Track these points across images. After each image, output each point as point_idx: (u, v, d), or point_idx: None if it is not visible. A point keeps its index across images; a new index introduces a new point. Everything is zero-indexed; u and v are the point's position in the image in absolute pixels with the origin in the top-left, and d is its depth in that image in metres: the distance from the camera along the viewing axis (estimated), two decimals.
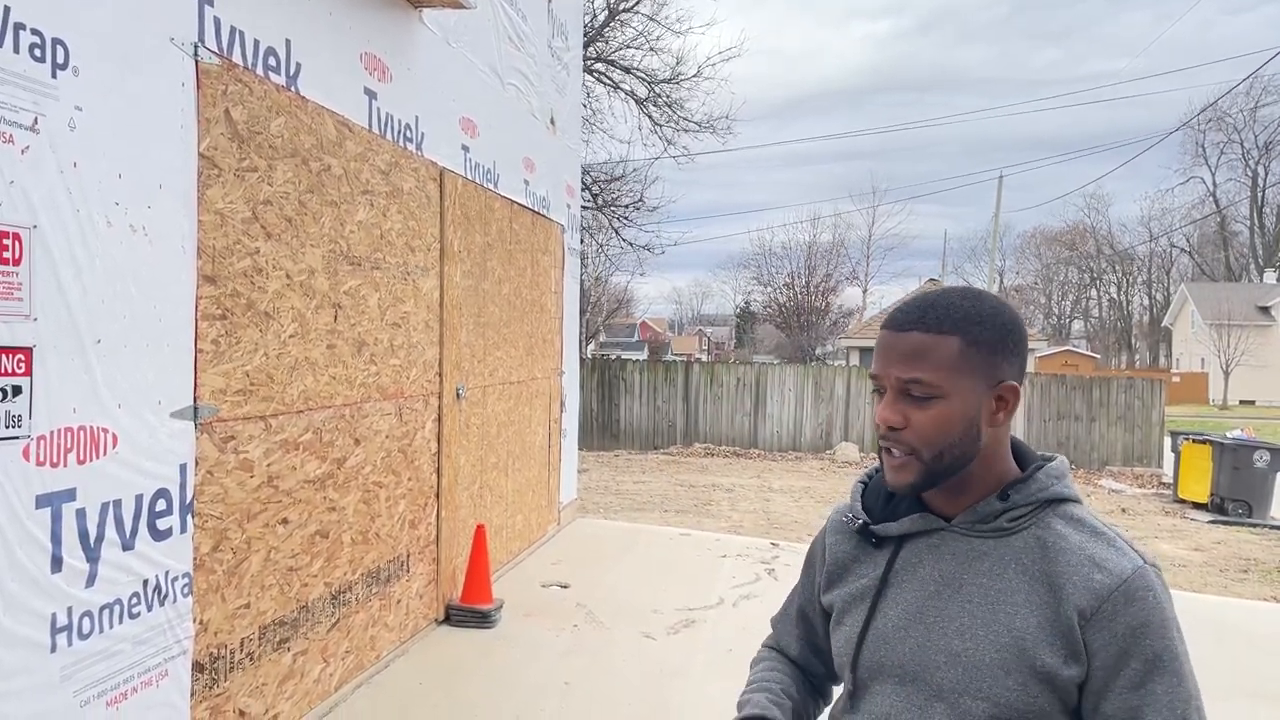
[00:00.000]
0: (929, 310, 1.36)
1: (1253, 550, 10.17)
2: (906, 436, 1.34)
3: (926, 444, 1.34)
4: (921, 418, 1.33)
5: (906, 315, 1.37)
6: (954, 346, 1.33)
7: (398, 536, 5.01)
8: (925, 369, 1.32)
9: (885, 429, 1.36)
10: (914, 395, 1.34)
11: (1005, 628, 1.29)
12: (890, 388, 1.36)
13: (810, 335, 45.14)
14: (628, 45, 19.13)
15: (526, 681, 4.83)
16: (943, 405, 1.33)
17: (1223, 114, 53.05)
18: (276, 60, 3.81)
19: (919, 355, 1.33)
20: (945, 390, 1.32)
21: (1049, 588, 1.29)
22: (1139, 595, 1.26)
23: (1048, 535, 1.33)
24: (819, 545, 1.62)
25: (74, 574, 2.78)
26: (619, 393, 18.78)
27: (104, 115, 2.83)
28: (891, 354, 1.36)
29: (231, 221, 3.48)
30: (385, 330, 4.78)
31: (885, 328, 1.40)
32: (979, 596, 1.33)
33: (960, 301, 1.37)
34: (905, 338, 1.35)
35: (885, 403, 1.37)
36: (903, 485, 1.38)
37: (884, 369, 1.37)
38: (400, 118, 4.97)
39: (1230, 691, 4.94)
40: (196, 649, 3.34)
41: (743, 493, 13.09)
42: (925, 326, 1.34)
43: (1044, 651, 1.26)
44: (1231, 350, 40.77)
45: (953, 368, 1.33)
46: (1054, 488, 1.37)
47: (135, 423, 3.00)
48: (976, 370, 1.34)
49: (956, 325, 1.34)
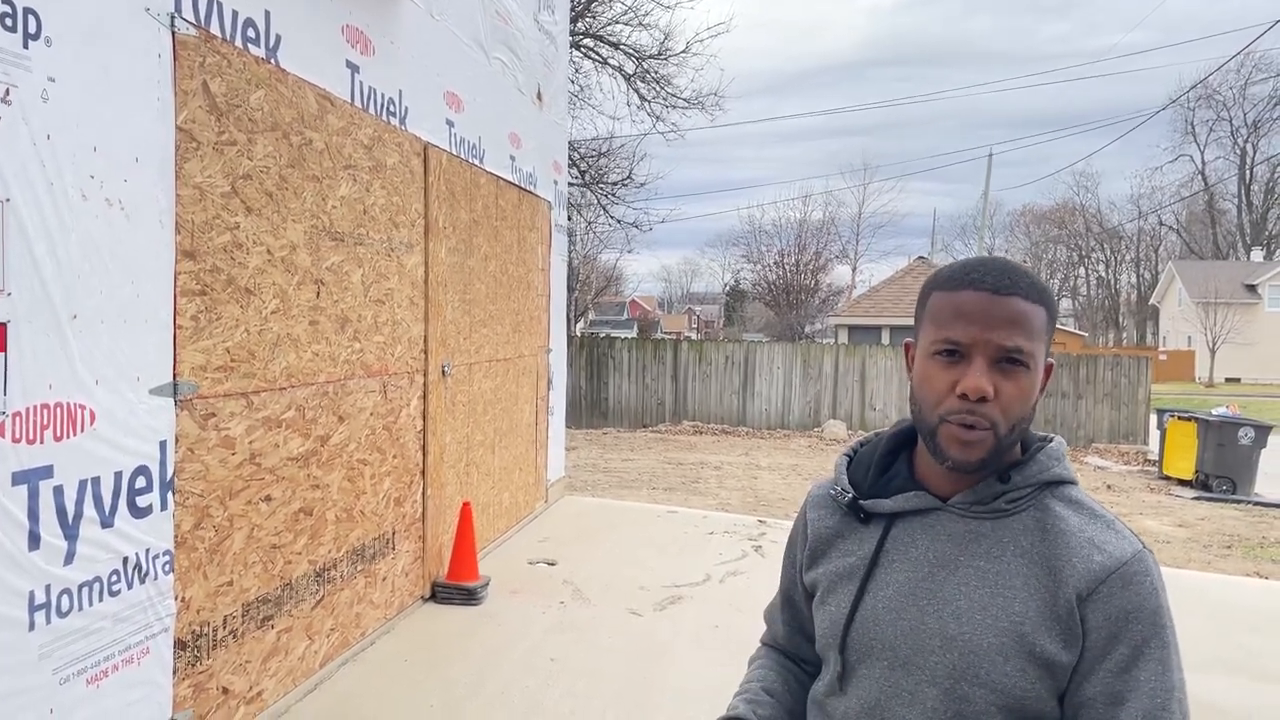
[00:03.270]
0: (1020, 276, 1.29)
1: (1236, 526, 10.25)
2: (991, 409, 1.26)
3: (1008, 417, 1.27)
4: (1010, 389, 1.26)
5: (1001, 279, 1.28)
6: (1043, 317, 1.28)
7: (383, 514, 5.00)
8: (1026, 337, 1.26)
9: (974, 399, 1.25)
10: (1008, 361, 1.26)
11: (1004, 611, 1.25)
12: (983, 354, 1.26)
13: (799, 313, 45.20)
14: (616, 20, 18.98)
15: (512, 658, 4.84)
16: (1027, 377, 1.27)
17: (1212, 91, 53.04)
18: (256, 32, 3.75)
19: (1021, 322, 1.26)
20: (1034, 361, 1.27)
21: (1048, 571, 1.26)
22: (1136, 579, 1.24)
23: (1046, 517, 1.30)
24: (799, 524, 1.55)
25: (52, 551, 2.75)
26: (608, 370, 18.76)
27: (78, 87, 2.78)
28: (992, 318, 1.26)
29: (210, 196, 3.43)
30: (369, 307, 4.74)
31: (977, 289, 1.28)
32: (976, 579, 1.29)
33: (1030, 272, 1.32)
34: (1008, 303, 1.26)
35: (976, 370, 1.25)
36: (973, 461, 1.28)
37: (982, 333, 1.26)
38: (383, 91, 4.91)
39: (1211, 666, 4.98)
40: (178, 626, 3.32)
41: (731, 470, 13.12)
42: (1024, 293, 1.27)
43: (1043, 636, 1.23)
44: (1218, 328, 40.96)
45: (1040, 340, 1.28)
46: (1054, 469, 1.34)
47: (113, 399, 2.97)
48: (1047, 344, 1.31)
49: (1042, 296, 1.29)
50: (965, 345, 1.27)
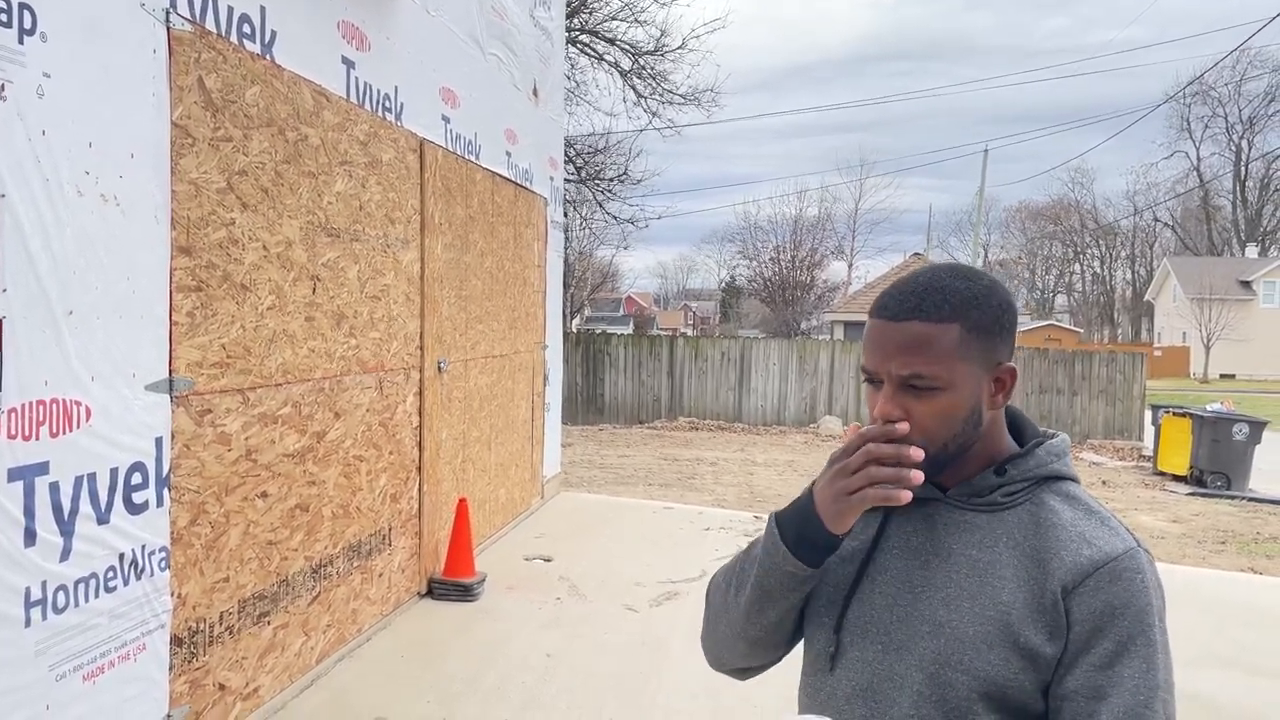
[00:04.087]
0: (925, 295, 1.26)
1: (1230, 522, 10.28)
2: (911, 432, 1.26)
3: (929, 437, 1.26)
4: (924, 410, 1.26)
5: (901, 302, 1.27)
6: (954, 334, 1.25)
7: (379, 510, 5.00)
8: (926, 362, 1.24)
9: (884, 424, 1.26)
10: (915, 388, 1.26)
11: (991, 601, 1.26)
12: (889, 381, 1.27)
13: (795, 310, 45.20)
14: (612, 17, 18.94)
15: (509, 653, 4.84)
16: (945, 397, 1.25)
17: (1208, 88, 53.13)
18: (251, 27, 3.74)
19: (919, 346, 1.25)
20: (947, 381, 1.25)
21: (1037, 563, 1.26)
22: (1125, 575, 1.23)
23: (1041, 511, 1.30)
24: None
25: (48, 548, 2.75)
26: (604, 367, 18.75)
27: (73, 82, 2.77)
28: (888, 346, 1.27)
29: (206, 192, 3.43)
30: (365, 303, 4.74)
31: (878, 316, 1.30)
32: (966, 568, 1.30)
33: (955, 283, 1.28)
34: (902, 328, 1.26)
35: (884, 396, 1.27)
36: None
37: (880, 363, 1.27)
38: (379, 87, 4.91)
39: (1204, 661, 5.01)
40: (175, 623, 3.32)
41: (727, 466, 13.13)
42: (924, 314, 1.25)
43: (1028, 628, 1.23)
44: (1213, 324, 41.05)
45: (954, 357, 1.25)
46: (1052, 465, 1.34)
47: (109, 395, 2.97)
48: (976, 356, 1.27)
49: (955, 311, 1.26)
50: (875, 373, 1.30)
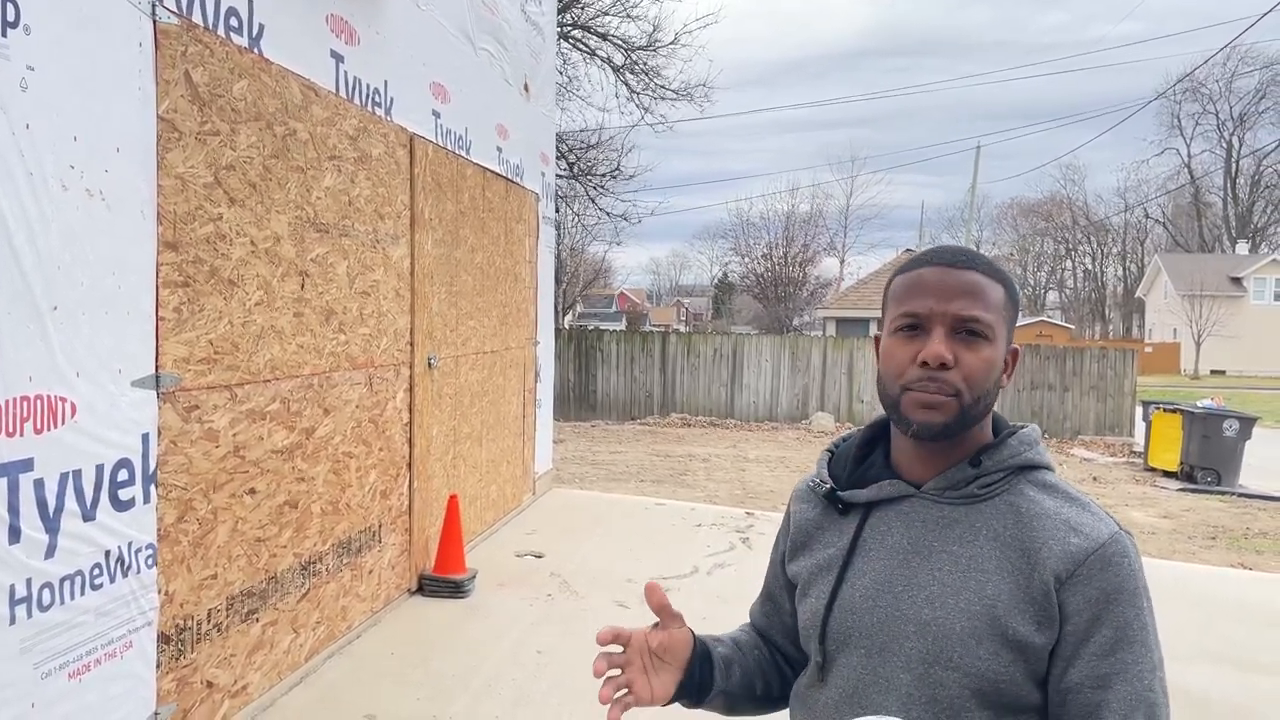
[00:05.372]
0: (978, 256, 1.33)
1: (1221, 518, 10.32)
2: (954, 376, 1.27)
3: (971, 386, 1.28)
4: (972, 358, 1.28)
5: (958, 255, 1.33)
6: (1000, 294, 1.31)
7: (369, 507, 4.98)
8: (984, 308, 1.29)
9: (935, 365, 1.26)
10: (968, 333, 1.28)
11: (976, 595, 1.25)
12: (942, 324, 1.28)
13: (787, 306, 45.22)
14: (604, 12, 18.89)
15: (500, 650, 4.83)
16: (989, 349, 1.29)
17: (1199, 85, 53.27)
18: (238, 21, 3.71)
19: (978, 293, 1.29)
20: (995, 334, 1.29)
21: (1023, 554, 1.25)
22: (1115, 560, 1.23)
23: (1021, 501, 1.30)
24: (785, 518, 1.56)
25: (33, 545, 2.73)
26: (596, 363, 18.74)
27: (57, 76, 2.75)
28: (949, 289, 1.29)
29: (193, 186, 3.40)
30: (354, 299, 4.71)
31: (935, 264, 1.32)
32: (949, 564, 1.29)
33: (990, 258, 1.36)
34: (963, 275, 1.30)
35: (936, 339, 1.27)
36: (937, 425, 1.28)
37: (939, 304, 1.29)
38: (368, 82, 4.88)
39: (1195, 657, 5.02)
40: (162, 620, 3.30)
41: (719, 463, 13.13)
42: (979, 268, 1.31)
43: (1016, 619, 1.23)
44: (1203, 320, 41.17)
45: (1000, 314, 1.30)
46: (1026, 454, 1.34)
47: (95, 391, 2.94)
48: (1007, 324, 1.32)
49: (1000, 276, 1.32)
50: (924, 317, 1.29)
